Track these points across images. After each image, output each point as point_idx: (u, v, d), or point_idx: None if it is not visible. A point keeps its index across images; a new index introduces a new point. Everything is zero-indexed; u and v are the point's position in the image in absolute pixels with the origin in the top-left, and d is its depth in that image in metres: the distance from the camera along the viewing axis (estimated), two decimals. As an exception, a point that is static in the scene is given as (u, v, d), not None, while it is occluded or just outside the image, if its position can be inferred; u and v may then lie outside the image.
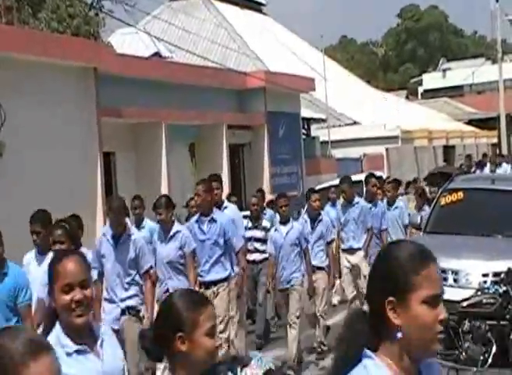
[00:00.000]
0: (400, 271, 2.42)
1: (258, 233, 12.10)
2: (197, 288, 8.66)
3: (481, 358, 8.62)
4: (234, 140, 20.31)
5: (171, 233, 8.92)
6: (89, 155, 14.41)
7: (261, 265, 11.94)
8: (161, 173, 16.75)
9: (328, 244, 11.14)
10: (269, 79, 21.31)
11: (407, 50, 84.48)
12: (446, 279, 10.07)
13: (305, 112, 26.84)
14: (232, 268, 9.49)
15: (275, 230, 10.57)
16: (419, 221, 12.45)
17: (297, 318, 10.12)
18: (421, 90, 62.41)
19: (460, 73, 58.98)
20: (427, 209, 14.12)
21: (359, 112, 33.57)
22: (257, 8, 38.84)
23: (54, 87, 13.71)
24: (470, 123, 44.85)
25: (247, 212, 12.50)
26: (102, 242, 8.21)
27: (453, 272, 10.09)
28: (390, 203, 13.84)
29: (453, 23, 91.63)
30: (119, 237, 8.10)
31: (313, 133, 29.57)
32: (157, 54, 21.75)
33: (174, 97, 17.76)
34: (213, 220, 9.36)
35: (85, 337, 3.64)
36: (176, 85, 17.87)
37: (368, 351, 2.43)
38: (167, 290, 8.66)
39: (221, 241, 9.35)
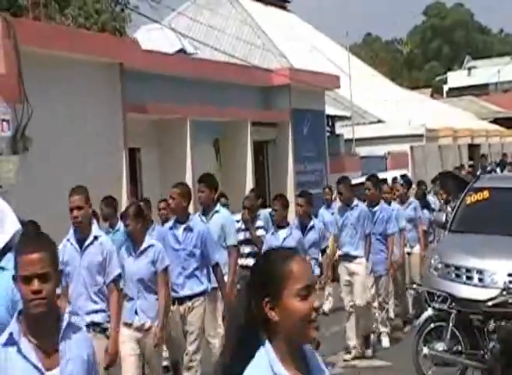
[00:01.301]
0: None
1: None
2: (162, 310, 7.57)
3: (506, 358, 8.57)
4: (258, 137, 20.30)
5: (142, 248, 7.69)
6: (114, 150, 14.47)
7: None
8: (185, 169, 16.78)
9: (322, 252, 10.58)
10: (294, 76, 21.28)
11: (432, 48, 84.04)
12: (470, 278, 10.03)
13: (330, 110, 26.78)
14: (209, 281, 8.43)
15: (272, 233, 9.69)
16: (444, 220, 12.37)
17: None
18: (446, 88, 62.05)
19: (485, 71, 58.59)
20: (426, 212, 14.01)
21: (383, 110, 33.44)
22: (282, 5, 38.78)
23: (80, 82, 13.78)
24: (495, 121, 44.58)
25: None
26: (65, 247, 7.12)
27: (478, 271, 10.03)
28: (403, 202, 13.28)
29: (478, 21, 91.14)
30: (84, 240, 7.07)
31: (337, 130, 29.50)
32: (182, 50, 21.75)
33: (199, 93, 17.78)
34: (189, 229, 8.31)
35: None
36: (200, 81, 17.89)
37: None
38: (136, 311, 7.64)
39: (197, 252, 8.27)
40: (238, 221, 11.06)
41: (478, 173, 20.82)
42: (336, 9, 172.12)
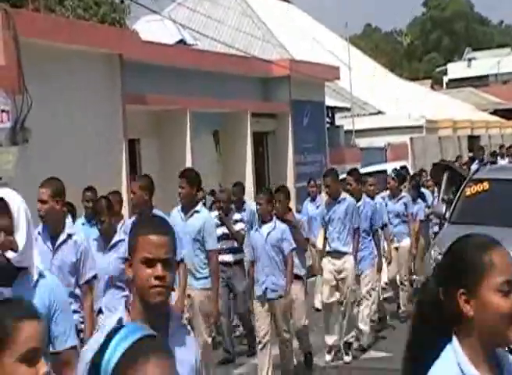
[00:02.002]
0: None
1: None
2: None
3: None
4: (258, 128, 20.29)
5: (112, 242, 7.57)
6: (114, 141, 14.47)
7: (235, 267, 10.54)
8: (185, 160, 16.77)
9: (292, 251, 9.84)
10: (294, 67, 21.25)
11: (432, 39, 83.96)
12: (470, 269, 10.02)
13: (329, 101, 26.77)
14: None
15: (256, 229, 9.26)
16: (444, 211, 12.38)
17: (287, 333, 9.14)
18: (445, 79, 62.01)
19: (485, 62, 58.56)
20: (422, 204, 13.84)
21: (383, 102, 33.43)
22: (282, -4, 38.73)
23: (79, 73, 13.76)
24: (495, 113, 44.56)
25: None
26: (38, 241, 6.55)
27: (477, 262, 10.02)
28: (394, 196, 12.89)
29: (478, 12, 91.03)
30: (56, 238, 6.54)
31: (337, 122, 29.50)
32: (181, 41, 21.74)
33: (198, 84, 17.76)
34: None
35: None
36: (200, 73, 17.87)
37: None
38: (100, 310, 7.41)
39: None
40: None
41: (473, 165, 20.67)
42: (335, 0, 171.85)
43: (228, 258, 10.49)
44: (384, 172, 17.94)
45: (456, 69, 62.04)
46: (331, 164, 23.48)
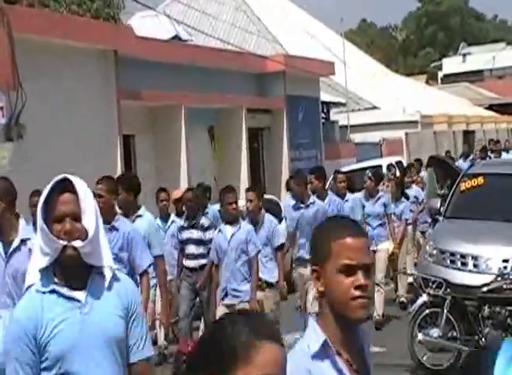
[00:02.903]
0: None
1: (195, 234, 9.90)
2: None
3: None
4: (253, 123, 20.28)
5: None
6: (109, 137, 14.46)
7: (201, 273, 9.71)
8: (180, 155, 16.77)
9: (277, 250, 9.30)
10: (289, 63, 21.24)
11: (427, 34, 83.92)
12: (465, 264, 10.03)
13: (324, 96, 26.76)
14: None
15: (219, 230, 8.77)
16: (439, 206, 12.38)
17: None
18: (441, 74, 62.01)
19: (480, 57, 58.57)
20: (406, 202, 13.18)
21: (378, 97, 33.43)
22: (277, -9, 38.67)
23: (74, 69, 13.75)
24: (490, 108, 44.60)
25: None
26: None
27: (472, 257, 10.03)
28: (372, 196, 12.18)
29: (473, 7, 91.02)
30: (10, 244, 5.85)
31: (332, 117, 29.49)
32: (176, 37, 21.68)
33: (193, 80, 17.75)
34: (114, 229, 7.01)
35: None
36: (195, 68, 17.85)
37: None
38: None
39: (124, 257, 6.95)
40: (174, 222, 10.40)
41: (459, 160, 20.61)
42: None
43: (193, 263, 9.86)
44: (379, 167, 17.94)
45: (451, 65, 62.04)
46: (326, 159, 23.50)
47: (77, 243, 3.22)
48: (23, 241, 5.86)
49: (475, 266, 9.95)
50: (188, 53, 18.05)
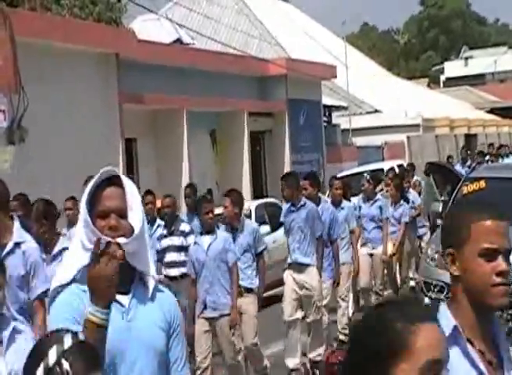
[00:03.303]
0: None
1: (176, 240, 9.58)
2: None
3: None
4: (255, 127, 20.29)
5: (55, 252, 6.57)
6: (111, 141, 14.47)
7: (182, 281, 9.23)
8: (182, 159, 16.78)
9: (259, 256, 8.84)
10: (290, 66, 21.25)
11: (429, 38, 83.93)
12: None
13: (326, 100, 26.76)
14: None
15: (195, 243, 8.33)
16: (440, 210, 12.36)
17: (238, 355, 8.22)
18: (442, 78, 62.03)
19: (482, 61, 58.57)
20: (406, 205, 12.86)
21: (380, 100, 33.43)
22: (279, -6, 38.73)
23: (76, 73, 13.76)
24: (492, 111, 44.58)
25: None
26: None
27: (474, 261, 10.02)
28: (369, 199, 11.91)
29: (475, 11, 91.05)
30: (2, 248, 5.59)
31: (334, 120, 29.49)
32: (178, 40, 21.71)
33: (195, 83, 17.76)
34: None
35: None
36: (197, 72, 17.87)
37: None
38: None
39: None
40: (159, 226, 9.90)
41: (456, 165, 20.48)
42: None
43: (174, 272, 9.51)
44: (381, 170, 17.92)
45: (453, 68, 62.07)
46: (328, 163, 23.50)
47: (122, 240, 2.95)
48: (17, 244, 5.63)
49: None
50: (190, 57, 18.06)
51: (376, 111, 32.57)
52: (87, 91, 13.99)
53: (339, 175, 17.68)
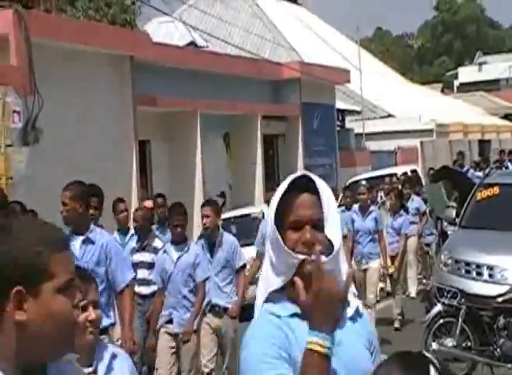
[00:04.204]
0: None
1: (147, 257, 8.82)
2: None
3: (516, 354, 8.54)
4: (268, 130, 20.28)
5: None
6: (124, 142, 14.49)
7: (152, 300, 8.30)
8: (195, 162, 16.78)
9: (238, 272, 8.25)
10: (304, 70, 21.24)
11: (443, 43, 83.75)
12: (480, 274, 9.98)
13: (340, 104, 26.75)
14: (115, 312, 6.58)
15: (164, 251, 7.76)
16: (454, 216, 12.32)
17: None
18: (456, 83, 61.83)
19: (496, 66, 58.37)
20: (406, 216, 12.52)
21: (394, 105, 33.37)
22: (293, -2, 38.75)
23: (91, 75, 13.79)
24: (506, 117, 44.43)
25: None
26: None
27: (488, 267, 9.97)
28: (364, 210, 11.36)
29: (489, 16, 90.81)
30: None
31: (347, 125, 29.47)
32: (192, 43, 21.75)
33: (209, 86, 17.77)
34: (89, 241, 6.38)
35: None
36: (210, 75, 17.88)
37: None
38: None
39: (101, 271, 6.32)
40: (132, 236, 9.25)
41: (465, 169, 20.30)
42: (346, 3, 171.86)
43: (145, 290, 8.78)
44: (394, 175, 17.88)
45: (467, 73, 61.86)
46: (341, 167, 23.47)
47: (322, 258, 2.48)
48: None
49: (490, 276, 9.89)
50: (204, 59, 18.08)
51: (389, 115, 32.52)
52: (101, 93, 14.02)
53: (351, 180, 17.69)
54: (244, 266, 8.44)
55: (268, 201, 10.35)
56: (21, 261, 1.86)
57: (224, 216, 10.10)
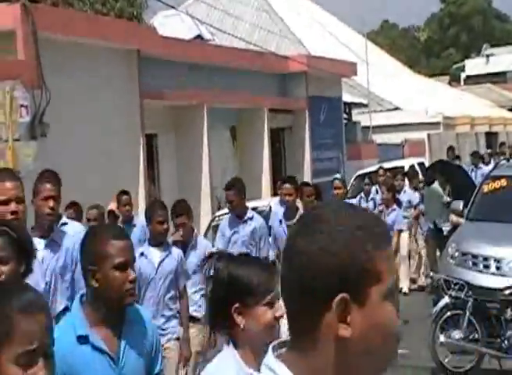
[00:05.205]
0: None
1: None
2: None
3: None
4: (275, 124, 20.27)
5: None
6: (131, 136, 14.50)
7: None
8: (202, 155, 16.79)
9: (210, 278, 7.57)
10: (311, 63, 21.21)
11: (449, 35, 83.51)
12: (488, 266, 9.99)
13: (346, 97, 26.72)
14: None
15: (142, 254, 6.85)
16: (461, 208, 12.32)
17: None
18: (463, 76, 61.64)
19: (503, 58, 58.17)
20: (398, 210, 12.15)
21: (401, 98, 33.32)
22: (300, -9, 38.63)
23: (97, 68, 13.80)
24: (513, 109, 44.31)
25: None
26: None
27: (495, 260, 9.99)
28: None
29: (496, 8, 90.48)
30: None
31: (354, 118, 29.42)
32: (199, 37, 21.72)
33: (215, 80, 17.76)
34: (54, 242, 5.63)
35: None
36: (217, 68, 17.87)
37: None
38: None
39: (67, 275, 5.62)
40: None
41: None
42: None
43: None
44: (401, 168, 17.86)
45: (474, 66, 61.66)
46: (348, 160, 23.46)
47: None
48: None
49: (498, 268, 9.91)
50: (210, 53, 18.07)
51: (396, 108, 32.48)
52: (108, 86, 14.03)
53: (359, 172, 17.70)
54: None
55: (275, 194, 10.08)
56: (344, 260, 1.48)
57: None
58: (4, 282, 2.12)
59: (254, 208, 9.44)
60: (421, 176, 16.40)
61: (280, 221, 8.64)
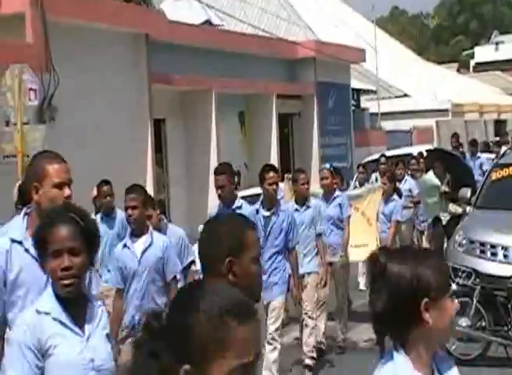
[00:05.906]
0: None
1: None
2: None
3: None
4: (283, 109, 20.25)
5: None
6: (140, 121, 14.51)
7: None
8: (210, 140, 16.78)
9: (185, 271, 7.40)
10: (320, 49, 21.16)
11: (459, 22, 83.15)
12: (495, 254, 9.98)
13: (355, 83, 26.64)
14: None
15: (124, 245, 6.60)
16: (469, 195, 12.29)
17: None
18: (472, 63, 61.40)
19: (513, 46, 57.92)
20: (398, 201, 11.48)
21: (409, 85, 33.23)
22: (309, -23, 38.47)
23: (106, 53, 13.79)
24: (522, 97, 44.12)
25: None
26: None
27: (503, 247, 9.97)
28: (328, 196, 9.84)
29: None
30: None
31: (363, 104, 29.37)
32: (207, 22, 21.67)
33: (224, 65, 17.73)
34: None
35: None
36: (226, 53, 17.84)
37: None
38: None
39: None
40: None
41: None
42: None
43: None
44: (410, 155, 17.79)
45: (483, 53, 61.40)
46: (356, 147, 23.42)
47: None
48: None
49: (505, 256, 9.89)
50: (219, 38, 18.03)
51: (405, 95, 32.40)
52: (116, 71, 14.02)
53: (366, 159, 17.64)
54: (192, 263, 7.42)
55: (282, 179, 9.89)
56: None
57: (239, 194, 9.45)
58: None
59: (260, 194, 9.24)
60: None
61: (257, 211, 8.02)
